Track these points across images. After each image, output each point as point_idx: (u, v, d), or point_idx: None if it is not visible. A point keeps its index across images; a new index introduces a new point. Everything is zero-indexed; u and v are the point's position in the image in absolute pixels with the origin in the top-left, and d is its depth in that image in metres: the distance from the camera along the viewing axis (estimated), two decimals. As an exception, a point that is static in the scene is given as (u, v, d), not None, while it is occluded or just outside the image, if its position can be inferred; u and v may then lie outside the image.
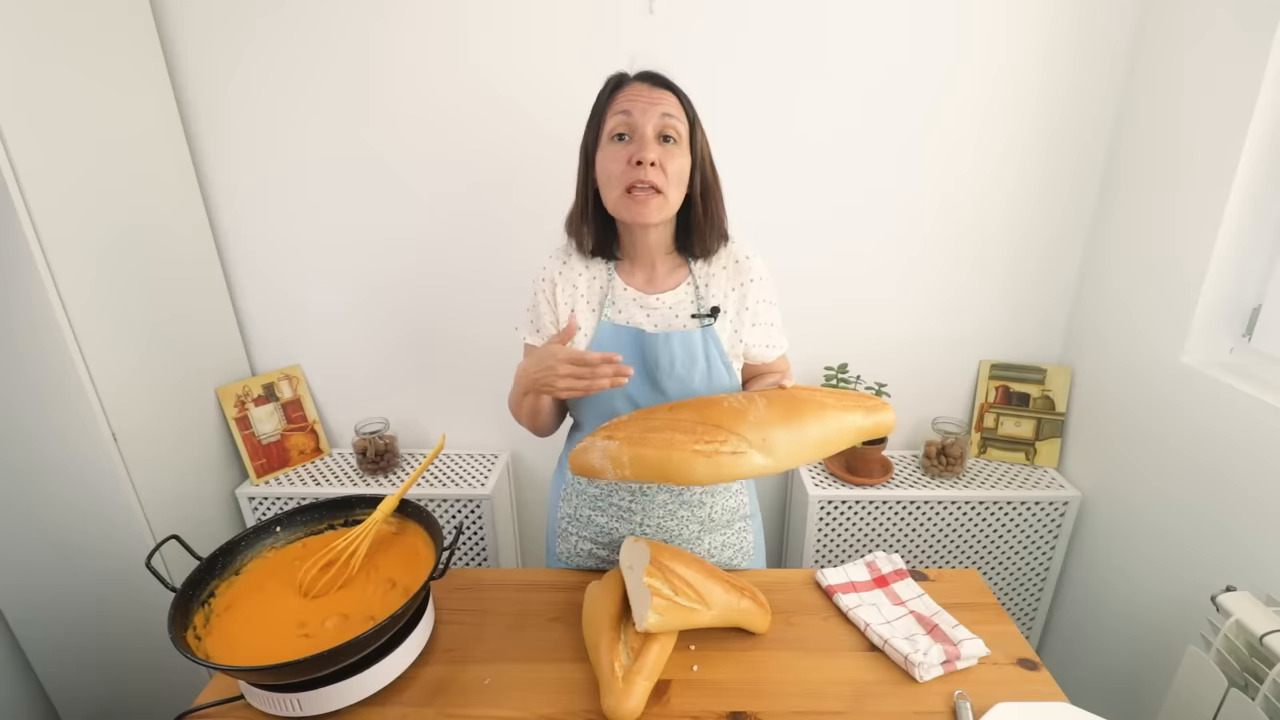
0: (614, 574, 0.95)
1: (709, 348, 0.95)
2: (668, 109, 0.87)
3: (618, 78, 0.91)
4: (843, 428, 0.82)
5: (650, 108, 0.86)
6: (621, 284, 0.97)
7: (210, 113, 1.48)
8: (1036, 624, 1.72)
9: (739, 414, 0.79)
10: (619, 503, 1.04)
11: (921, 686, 0.84)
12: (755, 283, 0.97)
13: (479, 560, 1.69)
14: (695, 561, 0.91)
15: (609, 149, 0.88)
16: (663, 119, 0.86)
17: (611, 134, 0.88)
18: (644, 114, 0.86)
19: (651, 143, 0.86)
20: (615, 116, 0.87)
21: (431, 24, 1.40)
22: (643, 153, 0.85)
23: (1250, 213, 1.18)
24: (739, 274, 0.98)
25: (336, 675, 0.77)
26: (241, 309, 1.66)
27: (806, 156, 1.50)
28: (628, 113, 0.87)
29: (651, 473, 0.77)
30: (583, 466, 0.82)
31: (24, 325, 1.17)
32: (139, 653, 1.43)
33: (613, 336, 0.95)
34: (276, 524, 0.96)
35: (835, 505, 1.59)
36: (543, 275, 0.99)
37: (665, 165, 0.87)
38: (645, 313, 0.96)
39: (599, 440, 0.81)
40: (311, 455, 1.74)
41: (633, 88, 0.89)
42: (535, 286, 1.00)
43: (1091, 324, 1.55)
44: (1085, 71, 1.41)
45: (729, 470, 0.76)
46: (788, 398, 0.83)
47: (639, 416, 0.82)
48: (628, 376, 0.82)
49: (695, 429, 0.77)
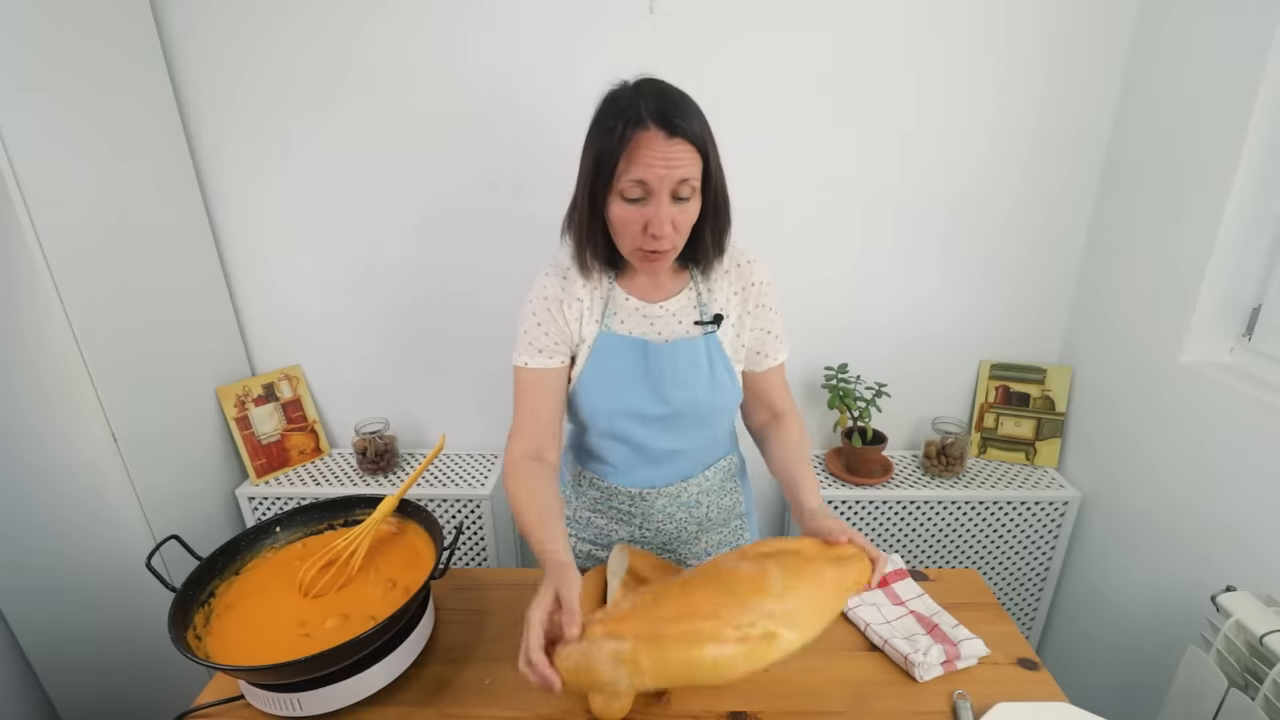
0: (595, 572, 0.95)
1: (712, 355, 0.93)
2: (684, 171, 0.79)
3: (630, 118, 0.78)
4: (841, 588, 0.73)
5: (667, 173, 0.78)
6: (623, 294, 0.94)
7: (210, 113, 1.48)
8: (1036, 624, 1.72)
9: (760, 585, 0.68)
10: (618, 506, 1.04)
11: (921, 686, 0.84)
12: (757, 286, 0.95)
13: (479, 560, 1.69)
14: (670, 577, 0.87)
15: (622, 208, 0.82)
16: (679, 184, 0.79)
17: (625, 194, 0.81)
18: (660, 180, 0.78)
19: (667, 209, 0.80)
20: (628, 180, 0.79)
21: (432, 25, 1.40)
22: (659, 227, 0.80)
23: (1250, 213, 1.18)
24: (741, 278, 0.96)
25: (336, 675, 0.77)
26: (241, 309, 1.66)
27: (806, 156, 1.50)
28: (643, 181, 0.78)
29: (679, 676, 0.65)
30: (585, 680, 0.65)
31: (24, 325, 1.17)
32: (139, 653, 1.43)
33: (615, 347, 0.92)
34: (276, 524, 0.96)
35: (835, 505, 1.59)
36: (544, 295, 0.93)
37: (679, 224, 0.82)
38: (649, 321, 0.94)
39: (604, 643, 0.65)
40: (311, 455, 1.74)
41: (649, 141, 0.77)
42: (533, 307, 0.93)
43: (1091, 324, 1.55)
44: (1085, 71, 1.41)
45: (767, 659, 0.65)
46: (793, 557, 0.74)
47: (645, 605, 0.69)
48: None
49: (718, 613, 0.66)
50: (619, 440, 0.97)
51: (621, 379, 0.92)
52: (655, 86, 0.81)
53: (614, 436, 0.97)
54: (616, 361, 0.92)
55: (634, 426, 0.94)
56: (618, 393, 0.92)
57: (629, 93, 0.80)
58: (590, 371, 0.93)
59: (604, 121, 0.81)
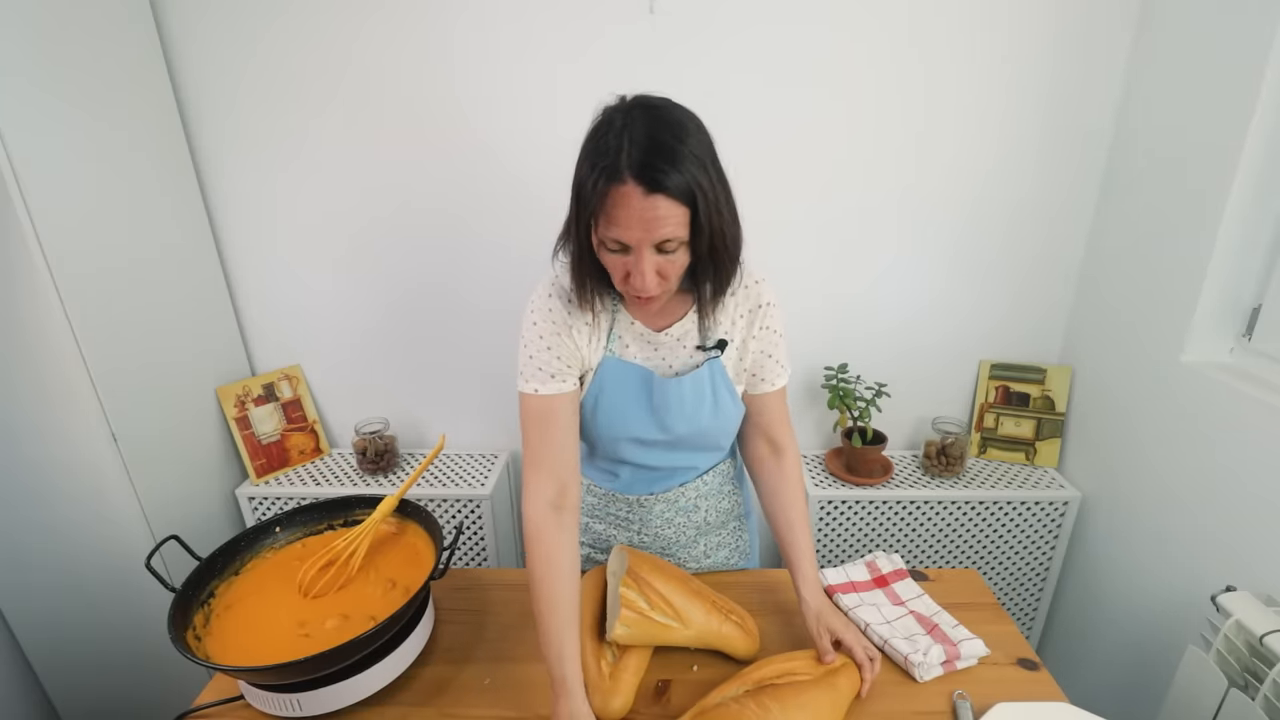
0: (595, 573, 0.95)
1: (716, 382, 0.91)
2: (666, 231, 0.72)
3: (608, 169, 0.70)
4: (837, 709, 0.80)
5: (645, 234, 0.72)
6: (628, 319, 0.90)
7: (210, 113, 1.48)
8: (1036, 624, 1.72)
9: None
10: (617, 512, 1.04)
11: (921, 686, 0.84)
12: (764, 309, 0.91)
13: (479, 560, 1.69)
14: (680, 578, 0.90)
15: (606, 255, 0.77)
16: (661, 241, 0.73)
17: (605, 243, 0.76)
18: (640, 239, 0.72)
19: (649, 264, 0.74)
20: (607, 236, 0.74)
21: (430, 26, 1.40)
22: (638, 282, 0.76)
23: (1250, 213, 1.17)
24: (747, 300, 0.91)
25: (336, 675, 0.77)
26: (241, 309, 1.66)
27: (806, 156, 1.50)
28: (620, 242, 0.74)
29: None
30: None
31: (24, 325, 1.17)
32: (139, 653, 1.43)
33: (620, 373, 0.90)
34: (276, 524, 0.96)
35: (835, 505, 1.59)
36: (550, 317, 0.88)
37: (665, 273, 0.77)
38: (653, 347, 0.91)
39: None
40: (311, 455, 1.74)
41: (626, 198, 0.70)
42: (539, 330, 0.87)
43: (1091, 324, 1.55)
44: (1085, 71, 1.41)
45: None
46: (791, 689, 0.79)
47: None
48: None
49: None
50: (620, 461, 0.98)
51: (626, 407, 0.90)
52: (647, 120, 0.72)
53: (615, 459, 0.98)
54: (621, 389, 0.90)
55: (636, 449, 0.94)
56: (622, 420, 0.91)
57: (618, 128, 0.71)
58: (595, 397, 0.91)
59: (588, 156, 0.74)
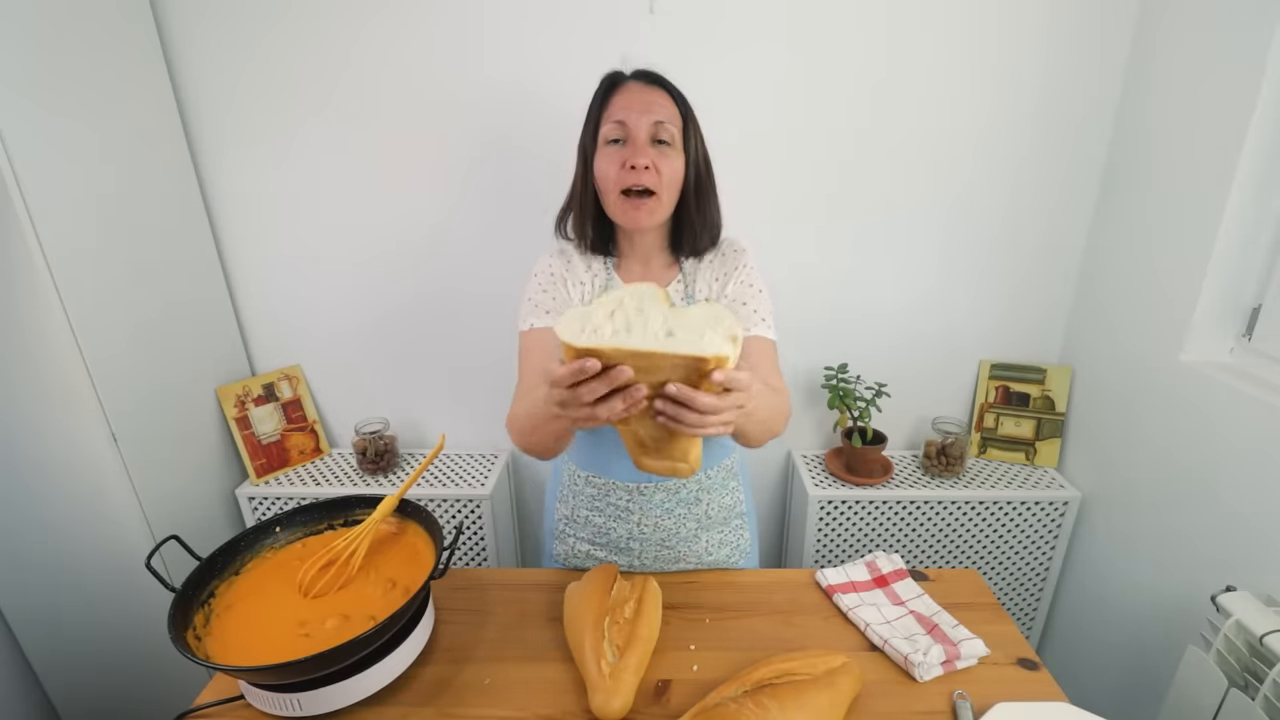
0: (594, 573, 0.95)
1: None
2: (661, 114, 0.89)
3: (612, 77, 0.93)
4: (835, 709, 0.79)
5: (644, 113, 0.88)
6: (619, 280, 0.99)
7: (210, 114, 1.48)
8: (1036, 624, 1.72)
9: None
10: (616, 502, 1.04)
11: (921, 686, 0.84)
12: (739, 269, 0.98)
13: (479, 560, 1.69)
14: None
15: (604, 152, 0.91)
16: (655, 125, 0.89)
17: (607, 138, 0.90)
18: (638, 119, 0.88)
19: (645, 147, 0.89)
20: (610, 123, 0.90)
21: (431, 24, 1.40)
22: (636, 158, 0.87)
23: (1250, 213, 1.18)
24: (724, 264, 0.99)
25: (336, 675, 0.77)
26: (241, 309, 1.66)
27: (806, 156, 1.50)
28: (622, 122, 0.89)
29: None
30: None
31: (24, 325, 1.17)
32: (139, 653, 1.43)
33: None
34: (276, 524, 0.96)
35: (835, 505, 1.59)
36: (549, 269, 1.00)
37: (659, 167, 0.89)
38: None
39: None
40: (311, 455, 1.74)
41: (628, 89, 0.91)
42: (539, 280, 0.99)
43: (1091, 324, 1.55)
44: (1085, 71, 1.41)
45: None
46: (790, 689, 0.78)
47: None
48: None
49: None
50: (617, 442, 0.97)
51: None
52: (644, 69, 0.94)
53: (611, 439, 0.98)
54: None
55: None
56: None
57: (618, 69, 0.94)
58: None
59: (594, 96, 0.93)
